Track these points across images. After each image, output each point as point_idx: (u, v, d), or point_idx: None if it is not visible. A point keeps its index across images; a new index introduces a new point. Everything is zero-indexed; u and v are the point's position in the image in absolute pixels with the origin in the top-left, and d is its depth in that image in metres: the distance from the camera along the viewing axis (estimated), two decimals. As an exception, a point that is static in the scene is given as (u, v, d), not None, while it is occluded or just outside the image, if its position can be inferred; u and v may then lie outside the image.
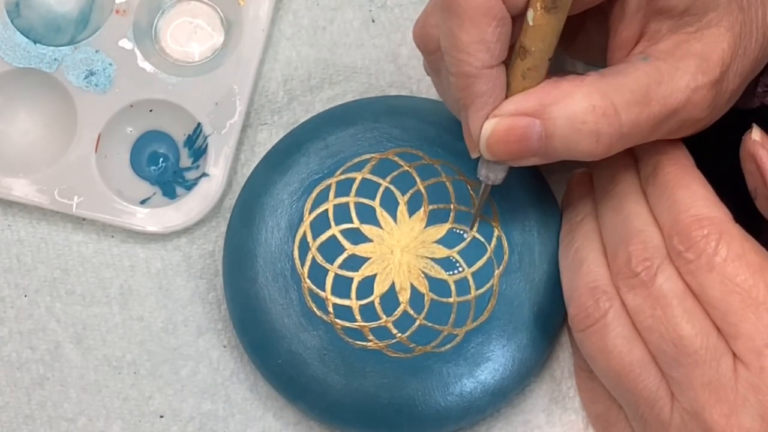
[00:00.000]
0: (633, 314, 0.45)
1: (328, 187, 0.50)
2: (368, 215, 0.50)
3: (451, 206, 0.50)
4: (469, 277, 0.50)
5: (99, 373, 0.53)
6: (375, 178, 0.50)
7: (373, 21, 0.55)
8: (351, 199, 0.50)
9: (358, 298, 0.49)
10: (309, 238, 0.50)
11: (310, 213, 0.50)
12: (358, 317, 0.49)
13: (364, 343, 0.49)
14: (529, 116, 0.43)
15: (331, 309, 0.49)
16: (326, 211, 0.50)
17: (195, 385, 0.52)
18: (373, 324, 0.49)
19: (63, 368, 0.53)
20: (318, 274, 0.50)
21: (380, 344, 0.49)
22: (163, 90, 0.53)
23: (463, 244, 0.50)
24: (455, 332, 0.49)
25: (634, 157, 0.48)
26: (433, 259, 0.49)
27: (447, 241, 0.50)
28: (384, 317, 0.49)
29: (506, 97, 0.44)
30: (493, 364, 0.49)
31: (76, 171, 0.53)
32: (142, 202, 0.53)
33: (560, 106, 0.43)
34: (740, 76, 0.45)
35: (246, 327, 0.50)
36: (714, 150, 0.48)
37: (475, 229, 0.50)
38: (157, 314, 0.53)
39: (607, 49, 0.47)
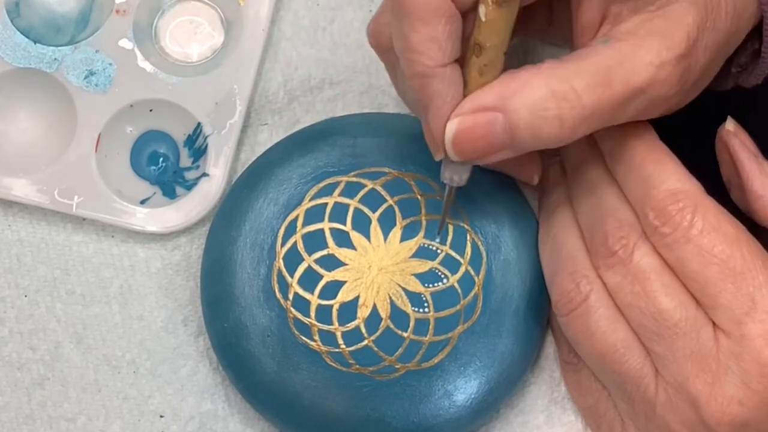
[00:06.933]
0: (613, 292, 0.46)
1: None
2: (361, 224, 0.50)
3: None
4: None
5: (99, 373, 0.53)
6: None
7: (374, 21, 0.55)
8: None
9: (320, 297, 0.50)
10: (299, 223, 0.50)
11: (311, 200, 0.51)
12: (312, 315, 0.49)
13: (308, 341, 0.49)
14: (490, 111, 0.43)
15: (291, 296, 0.50)
16: (326, 204, 0.51)
17: (195, 385, 0.53)
18: (324, 326, 0.49)
19: (63, 368, 0.53)
20: (293, 260, 0.50)
21: (323, 348, 0.49)
22: (163, 90, 0.53)
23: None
24: (398, 365, 0.49)
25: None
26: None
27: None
28: (336, 324, 0.49)
29: (465, 95, 0.44)
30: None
31: (76, 171, 0.53)
32: (142, 202, 0.53)
33: (520, 96, 0.43)
34: (711, 50, 0.45)
35: (209, 281, 0.51)
36: (689, 136, 0.49)
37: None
38: (157, 314, 0.53)
39: (572, 35, 0.47)
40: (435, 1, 0.42)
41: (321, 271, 0.50)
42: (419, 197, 0.51)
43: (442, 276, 0.50)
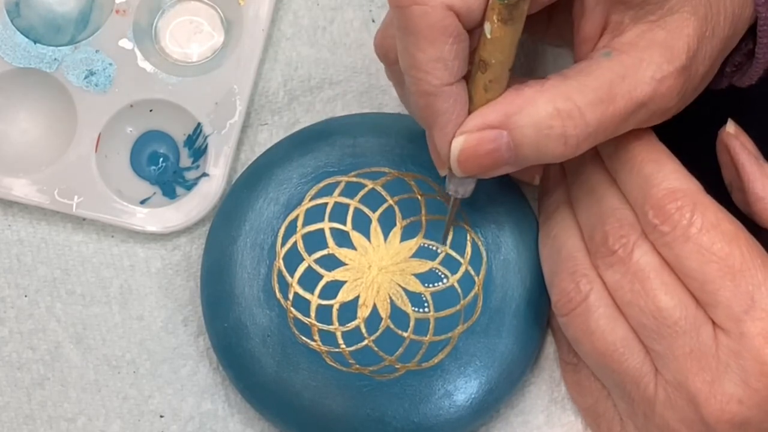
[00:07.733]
0: (613, 291, 0.46)
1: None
2: (361, 224, 0.50)
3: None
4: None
5: (99, 373, 0.53)
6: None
7: (373, 21, 0.55)
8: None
9: (320, 297, 0.50)
10: (299, 223, 0.50)
11: (311, 200, 0.51)
12: (312, 315, 0.49)
13: (308, 341, 0.49)
14: (495, 128, 0.43)
15: (291, 296, 0.50)
16: (326, 204, 0.51)
17: (195, 385, 0.53)
18: (324, 326, 0.49)
19: (63, 368, 0.53)
20: (293, 260, 0.50)
21: (323, 348, 0.49)
22: (163, 90, 0.53)
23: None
24: (396, 366, 0.49)
25: None
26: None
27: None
28: (336, 324, 0.49)
29: (469, 110, 0.44)
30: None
31: (76, 171, 0.53)
32: (142, 202, 0.53)
33: (525, 114, 0.43)
34: (710, 58, 0.45)
35: (209, 281, 0.51)
36: (687, 135, 0.49)
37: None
38: (157, 314, 0.53)
39: (573, 44, 0.47)
40: (442, 20, 0.42)
41: (321, 271, 0.50)
42: (419, 197, 0.51)
43: (442, 276, 0.50)
